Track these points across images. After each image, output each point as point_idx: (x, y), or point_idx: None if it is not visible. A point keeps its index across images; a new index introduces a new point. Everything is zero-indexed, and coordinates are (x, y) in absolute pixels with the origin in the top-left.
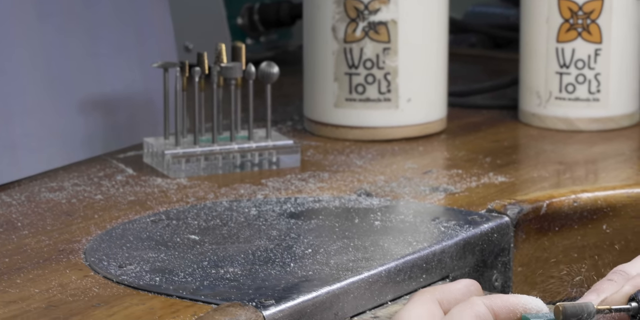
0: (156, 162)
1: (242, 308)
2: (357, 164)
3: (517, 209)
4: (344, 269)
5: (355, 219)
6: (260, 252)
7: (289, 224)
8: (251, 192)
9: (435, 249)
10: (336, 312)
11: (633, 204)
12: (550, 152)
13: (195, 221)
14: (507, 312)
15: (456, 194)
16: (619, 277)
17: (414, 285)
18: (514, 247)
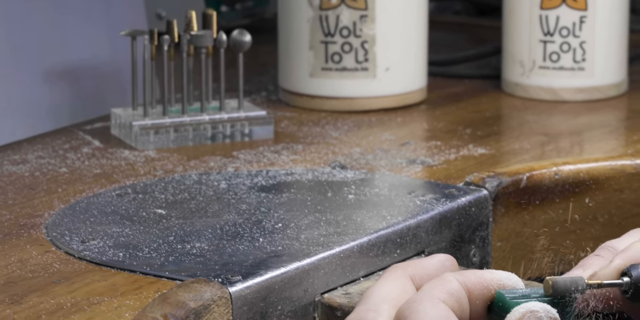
0: (124, 133)
1: (208, 284)
2: (332, 135)
3: (496, 182)
4: (314, 244)
5: (328, 192)
6: (228, 226)
7: (260, 198)
8: (221, 165)
9: (410, 224)
10: (306, 289)
11: (617, 176)
12: (533, 123)
13: (163, 195)
14: (481, 289)
15: (434, 166)
16: (606, 252)
17: (388, 260)
18: (492, 222)
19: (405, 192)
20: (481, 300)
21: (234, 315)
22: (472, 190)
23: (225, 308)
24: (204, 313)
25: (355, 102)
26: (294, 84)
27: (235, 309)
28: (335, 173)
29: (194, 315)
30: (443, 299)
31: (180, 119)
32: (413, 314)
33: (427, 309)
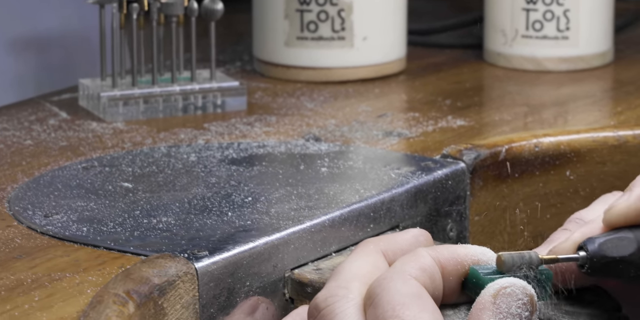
0: (92, 105)
1: (173, 260)
2: (307, 107)
3: (474, 155)
4: (285, 218)
5: (300, 165)
6: (196, 200)
7: (230, 171)
8: (192, 137)
9: (384, 197)
10: (275, 264)
11: (599, 148)
12: (515, 94)
13: (130, 168)
14: (455, 264)
15: (411, 138)
16: (574, 225)
17: (361, 235)
18: (470, 195)
19: (380, 165)
20: (455, 277)
21: (200, 291)
22: (449, 163)
23: (190, 284)
24: (169, 289)
25: (332, 72)
26: (269, 54)
27: (201, 285)
28: (309, 145)
29: (158, 292)
30: (415, 275)
31: (150, 89)
32: (384, 291)
33: (398, 286)
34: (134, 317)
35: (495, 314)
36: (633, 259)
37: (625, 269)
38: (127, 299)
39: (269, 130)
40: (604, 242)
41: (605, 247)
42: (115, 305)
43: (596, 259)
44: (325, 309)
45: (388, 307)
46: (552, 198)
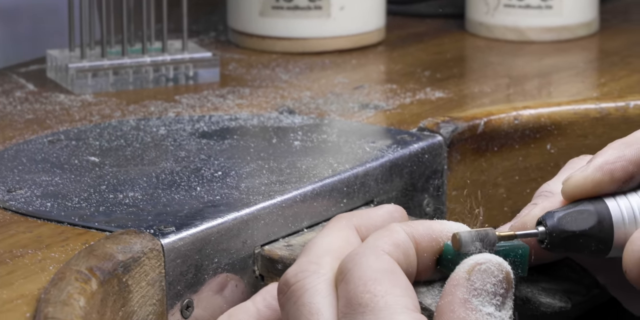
0: (60, 76)
1: (138, 236)
2: (282, 78)
3: (451, 128)
4: (255, 193)
5: (273, 138)
6: (164, 175)
7: (200, 145)
8: (162, 110)
9: (358, 171)
10: (245, 240)
11: (580, 121)
12: (497, 65)
13: (97, 141)
14: (430, 240)
15: (387, 111)
16: (543, 199)
17: (334, 210)
18: (447, 169)
19: (355, 139)
20: (429, 253)
21: (166, 268)
22: (426, 136)
23: (156, 261)
24: (134, 266)
25: (308, 43)
26: (244, 24)
27: (167, 262)
28: (282, 118)
29: (123, 268)
30: (388, 250)
31: (120, 61)
32: (356, 267)
33: (370, 261)
34: (96, 295)
35: (470, 290)
36: (593, 232)
37: (586, 243)
38: (89, 276)
39: (242, 102)
40: (563, 216)
41: (564, 221)
42: (78, 282)
43: (555, 234)
44: (295, 285)
45: (359, 283)
46: (532, 172)
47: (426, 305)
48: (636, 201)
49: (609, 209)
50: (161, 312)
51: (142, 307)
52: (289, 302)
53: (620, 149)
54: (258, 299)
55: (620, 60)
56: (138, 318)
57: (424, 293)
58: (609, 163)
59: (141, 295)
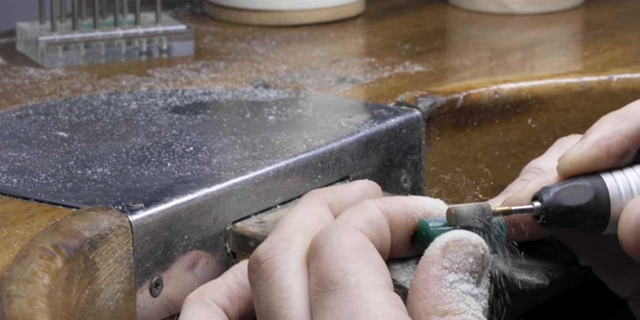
0: (30, 50)
1: (105, 212)
2: (258, 52)
3: (430, 102)
4: (227, 168)
5: (247, 113)
6: (135, 150)
7: (172, 120)
8: (134, 84)
9: (333, 147)
10: (216, 217)
11: (562, 95)
12: (479, 38)
13: (67, 116)
14: (404, 217)
15: (365, 85)
16: (531, 175)
17: (308, 186)
18: (425, 145)
19: (331, 113)
20: (404, 230)
21: (134, 245)
22: (404, 111)
23: (124, 238)
24: (101, 243)
25: (285, 15)
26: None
27: (136, 239)
28: (257, 93)
29: (89, 246)
30: (361, 227)
31: (91, 33)
32: (328, 244)
33: (342, 238)
34: (62, 272)
35: (444, 267)
36: (590, 207)
37: (582, 219)
38: (54, 253)
39: (216, 76)
40: (559, 191)
41: (560, 196)
42: (42, 259)
43: (551, 209)
44: (266, 262)
45: (331, 260)
46: (512, 147)
47: (400, 282)
48: (632, 176)
49: (606, 183)
50: (129, 290)
51: (109, 285)
52: (260, 280)
53: (615, 123)
54: (229, 276)
55: (605, 33)
56: (105, 296)
57: (398, 270)
58: (605, 138)
59: (108, 273)
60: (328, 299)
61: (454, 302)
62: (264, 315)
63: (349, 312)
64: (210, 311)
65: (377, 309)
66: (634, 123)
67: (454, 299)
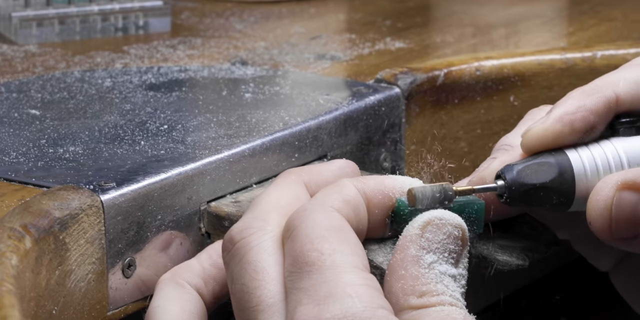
0: (3, 26)
1: (76, 191)
2: (236, 28)
3: (410, 79)
4: (201, 147)
5: (223, 91)
6: (108, 128)
7: (147, 97)
8: (109, 61)
9: (311, 125)
10: (190, 197)
11: (545, 72)
12: (461, 14)
13: (39, 94)
14: (382, 196)
15: (344, 62)
16: (502, 153)
17: (285, 165)
18: (405, 123)
19: (309, 91)
20: (381, 209)
21: (106, 225)
22: (383, 88)
23: (96, 218)
24: (71, 223)
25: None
26: None
27: (107, 219)
28: (235, 70)
29: (59, 226)
30: (337, 207)
31: (66, 9)
32: (303, 224)
33: (318, 218)
34: (31, 253)
35: (423, 247)
36: (554, 185)
37: (547, 196)
38: (23, 234)
39: (193, 53)
40: (522, 169)
41: (523, 174)
42: (11, 240)
43: (514, 187)
44: (240, 242)
45: (307, 240)
46: (495, 125)
47: (377, 263)
48: (598, 152)
49: (570, 160)
50: (101, 271)
51: (80, 266)
52: (234, 260)
53: (581, 99)
54: (203, 257)
55: (590, 9)
56: (76, 277)
57: (375, 251)
58: (569, 113)
59: (79, 254)
60: (303, 279)
61: (432, 282)
62: (238, 297)
63: (323, 293)
64: (184, 292)
65: (352, 290)
66: (600, 98)
67: (432, 279)
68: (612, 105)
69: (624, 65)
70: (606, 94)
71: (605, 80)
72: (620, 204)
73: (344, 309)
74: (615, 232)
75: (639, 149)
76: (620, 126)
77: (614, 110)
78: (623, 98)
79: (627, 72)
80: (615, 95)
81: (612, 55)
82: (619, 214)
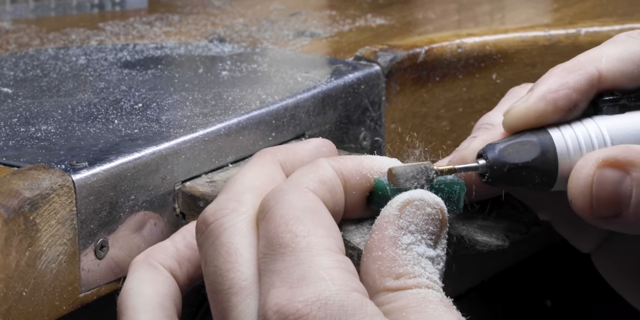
0: None
1: (47, 171)
2: (214, 4)
3: (390, 56)
4: (176, 126)
5: (199, 68)
6: (81, 107)
7: (121, 75)
8: (84, 38)
9: (288, 103)
10: (164, 176)
11: (528, 49)
12: None
13: (12, 72)
14: (359, 177)
15: (324, 39)
16: (483, 131)
17: (261, 144)
18: (385, 101)
19: (287, 68)
20: (358, 190)
21: (77, 205)
22: (363, 66)
23: (67, 198)
24: (42, 203)
25: None
26: None
27: (79, 199)
28: (212, 47)
29: (30, 206)
30: (313, 188)
31: None
32: (278, 205)
33: (293, 199)
34: (0, 234)
35: (401, 228)
36: (536, 164)
37: (529, 176)
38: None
39: (170, 30)
40: (505, 148)
41: (505, 153)
42: None
43: (496, 167)
44: (214, 224)
45: (281, 222)
46: (477, 103)
47: (354, 244)
48: (581, 131)
49: (553, 139)
50: (73, 252)
51: (51, 247)
52: (207, 242)
53: (563, 76)
54: (177, 238)
55: None
56: (47, 258)
57: (352, 231)
58: (552, 91)
59: (50, 235)
60: (276, 261)
61: (409, 264)
62: (211, 279)
63: (296, 275)
64: (157, 274)
65: (326, 273)
66: (582, 75)
67: (409, 261)
68: (595, 82)
69: (607, 42)
70: (589, 71)
71: (587, 57)
72: (601, 182)
73: (317, 292)
74: (597, 210)
75: (622, 127)
76: (604, 104)
77: (597, 87)
78: (605, 75)
79: (610, 48)
80: (597, 71)
81: (597, 32)
82: (599, 191)
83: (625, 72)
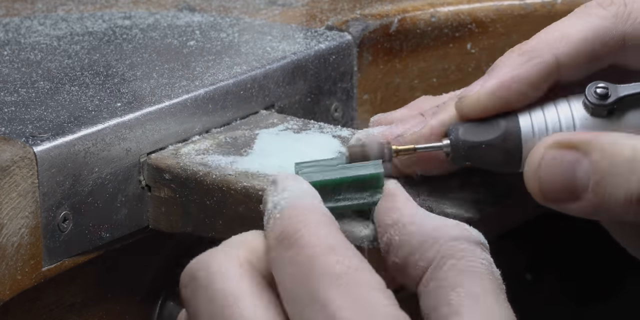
0: None
1: (7, 143)
2: None
3: (362, 26)
4: (141, 97)
5: (167, 38)
6: (44, 78)
7: (88, 45)
8: (51, 8)
9: (256, 73)
10: (128, 148)
11: (503, 18)
12: None
13: None
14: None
15: (296, 8)
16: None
17: (229, 115)
18: (357, 71)
19: (257, 38)
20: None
21: (39, 178)
22: (334, 36)
23: (28, 170)
24: (2, 176)
25: None
26: None
27: (41, 172)
28: (181, 16)
29: None
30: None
31: None
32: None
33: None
34: None
35: None
36: (497, 142)
37: (491, 155)
38: None
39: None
40: (468, 127)
41: (467, 132)
42: None
43: (460, 145)
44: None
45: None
46: (451, 74)
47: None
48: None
49: (518, 119)
50: (35, 225)
51: (12, 220)
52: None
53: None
54: None
55: None
56: (8, 232)
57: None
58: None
59: (11, 208)
60: None
61: None
62: None
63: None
64: None
65: None
66: (536, 65)
67: None
68: (552, 71)
69: (575, 12)
70: (545, 59)
71: (547, 38)
72: (550, 164)
73: None
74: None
75: None
76: None
77: (555, 76)
78: (563, 62)
79: (575, 24)
80: (555, 59)
81: (574, 1)
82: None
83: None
